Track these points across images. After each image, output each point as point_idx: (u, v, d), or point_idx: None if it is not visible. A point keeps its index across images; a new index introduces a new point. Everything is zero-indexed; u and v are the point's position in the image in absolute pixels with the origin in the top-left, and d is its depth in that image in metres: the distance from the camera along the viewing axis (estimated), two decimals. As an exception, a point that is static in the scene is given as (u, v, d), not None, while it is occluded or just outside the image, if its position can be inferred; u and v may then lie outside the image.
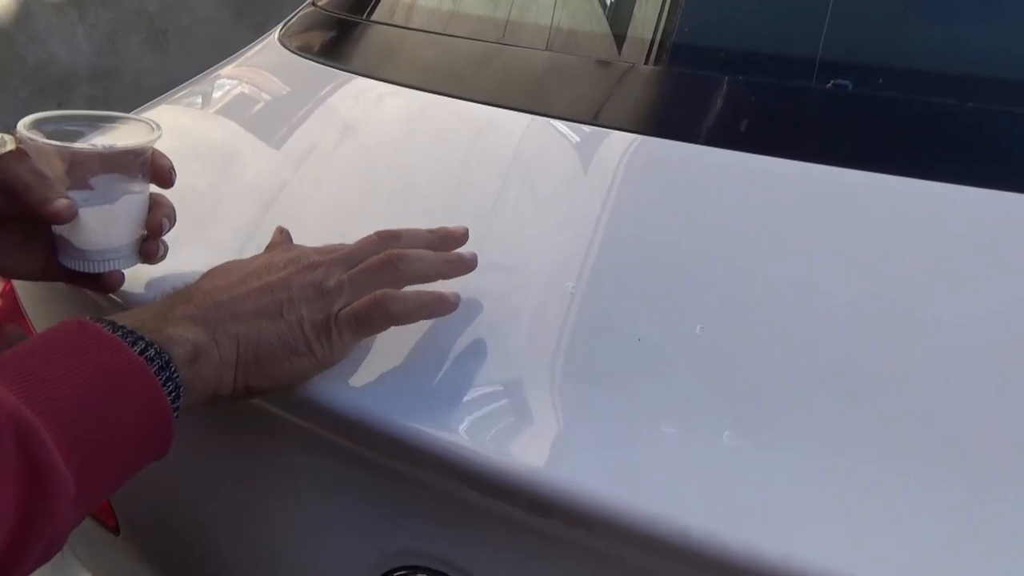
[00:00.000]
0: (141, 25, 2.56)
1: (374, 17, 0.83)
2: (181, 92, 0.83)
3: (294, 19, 0.91)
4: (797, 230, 0.49)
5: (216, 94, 0.81)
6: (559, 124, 0.61)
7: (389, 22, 0.82)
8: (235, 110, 0.79)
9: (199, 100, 0.81)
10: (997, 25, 0.55)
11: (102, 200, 0.49)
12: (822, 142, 0.52)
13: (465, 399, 0.43)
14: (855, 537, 0.34)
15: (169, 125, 0.53)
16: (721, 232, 0.50)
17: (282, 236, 0.54)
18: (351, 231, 0.50)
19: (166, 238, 0.53)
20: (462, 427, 0.42)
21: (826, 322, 0.43)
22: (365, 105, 0.72)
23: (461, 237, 0.50)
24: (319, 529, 0.51)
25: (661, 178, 0.56)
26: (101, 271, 0.51)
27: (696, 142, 0.55)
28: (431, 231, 0.49)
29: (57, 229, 0.50)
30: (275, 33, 0.90)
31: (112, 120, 0.53)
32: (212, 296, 0.45)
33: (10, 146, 0.47)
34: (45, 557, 0.37)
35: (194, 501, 0.59)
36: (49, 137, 0.49)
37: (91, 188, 0.49)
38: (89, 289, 0.53)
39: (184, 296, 0.45)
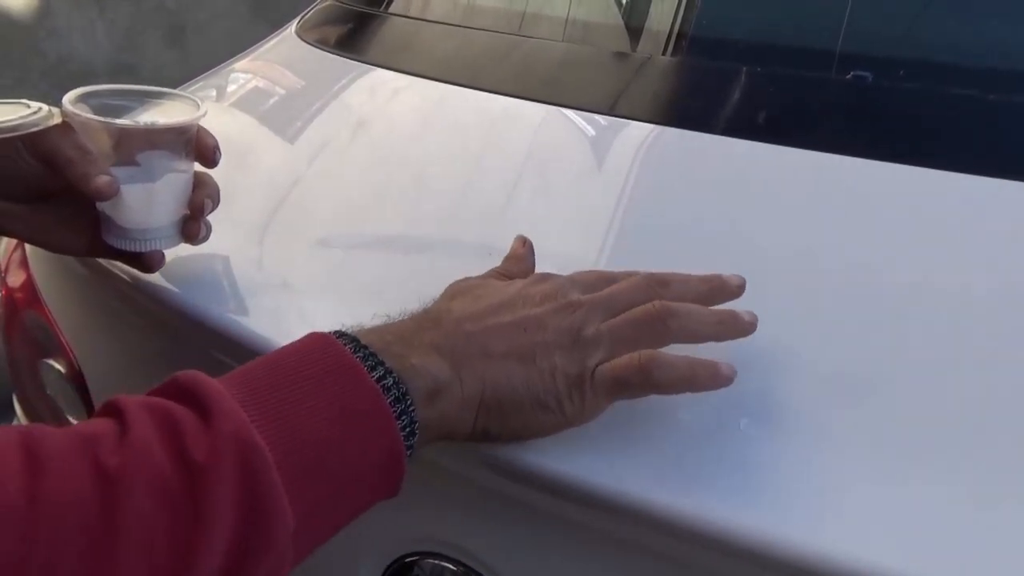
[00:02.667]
0: (160, 21, 2.57)
1: (391, 9, 0.83)
2: (198, 84, 0.83)
3: (311, 12, 0.92)
4: (814, 220, 0.48)
5: (235, 86, 0.82)
6: (577, 115, 0.61)
7: (406, 14, 0.82)
8: (254, 101, 0.79)
9: (217, 92, 0.82)
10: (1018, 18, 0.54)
11: (145, 178, 0.49)
12: (841, 133, 0.52)
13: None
14: (858, 523, 0.34)
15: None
16: (738, 221, 0.50)
17: (525, 248, 0.48)
18: (369, 222, 0.50)
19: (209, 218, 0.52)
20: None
21: (846, 311, 0.43)
22: (383, 96, 0.72)
23: (736, 289, 0.42)
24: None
25: (679, 168, 0.56)
26: (143, 250, 0.51)
27: (714, 132, 0.54)
28: (704, 280, 0.42)
29: (101, 206, 0.50)
30: (292, 27, 0.91)
31: (158, 96, 0.53)
32: (463, 326, 0.40)
33: (56, 120, 0.47)
34: None
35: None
36: (95, 111, 0.48)
37: (136, 164, 0.48)
38: (131, 267, 0.53)
39: (433, 319, 0.41)
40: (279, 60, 0.86)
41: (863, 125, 0.52)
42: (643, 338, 0.40)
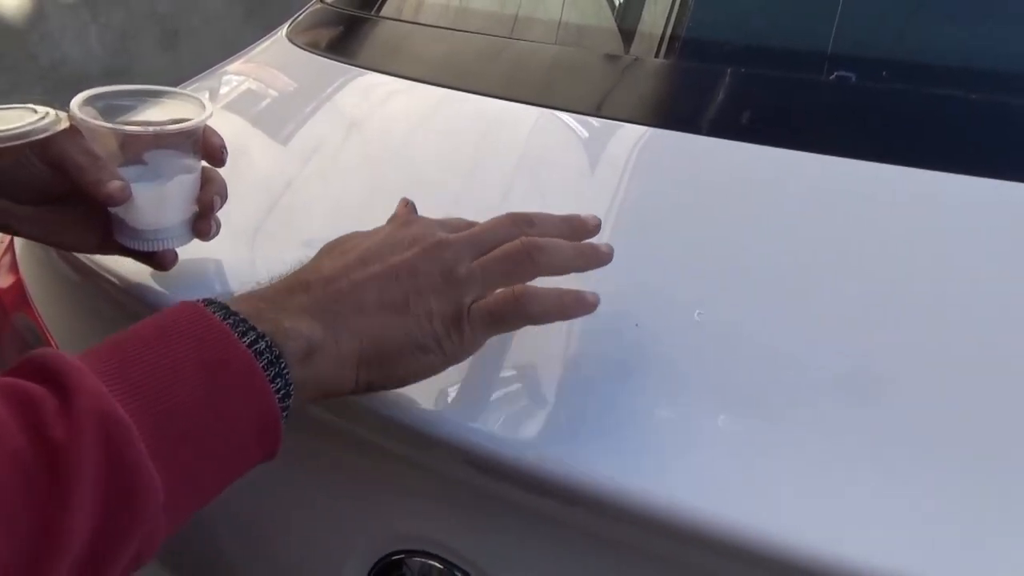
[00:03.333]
0: (153, 25, 2.57)
1: (383, 13, 0.83)
2: (189, 87, 0.83)
3: (302, 16, 0.92)
4: (802, 221, 0.49)
5: (224, 89, 0.82)
6: (570, 117, 0.61)
7: (398, 17, 0.83)
8: (243, 104, 0.79)
9: (207, 95, 0.82)
10: (1007, 20, 0.55)
11: (155, 180, 0.49)
12: (829, 134, 0.52)
13: (466, 383, 0.43)
14: (852, 524, 0.34)
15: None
16: (728, 222, 0.50)
17: (407, 209, 0.49)
18: (361, 224, 0.50)
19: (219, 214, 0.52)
20: (462, 410, 0.41)
21: (831, 312, 0.43)
22: (374, 99, 0.72)
23: (594, 228, 0.46)
24: (315, 510, 0.51)
25: (670, 169, 0.56)
26: (156, 249, 0.51)
27: (703, 134, 0.55)
28: (564, 218, 0.45)
29: (113, 208, 0.50)
30: (283, 30, 0.91)
31: (163, 95, 0.53)
32: (333, 284, 0.40)
33: (64, 124, 0.47)
34: (136, 565, 0.33)
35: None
36: (101, 113, 0.48)
37: (144, 163, 0.49)
38: (145, 264, 0.54)
39: (302, 283, 0.41)
40: (269, 63, 0.86)
41: (849, 125, 0.52)
42: (514, 273, 0.42)
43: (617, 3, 0.75)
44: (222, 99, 0.80)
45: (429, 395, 0.42)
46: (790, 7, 0.64)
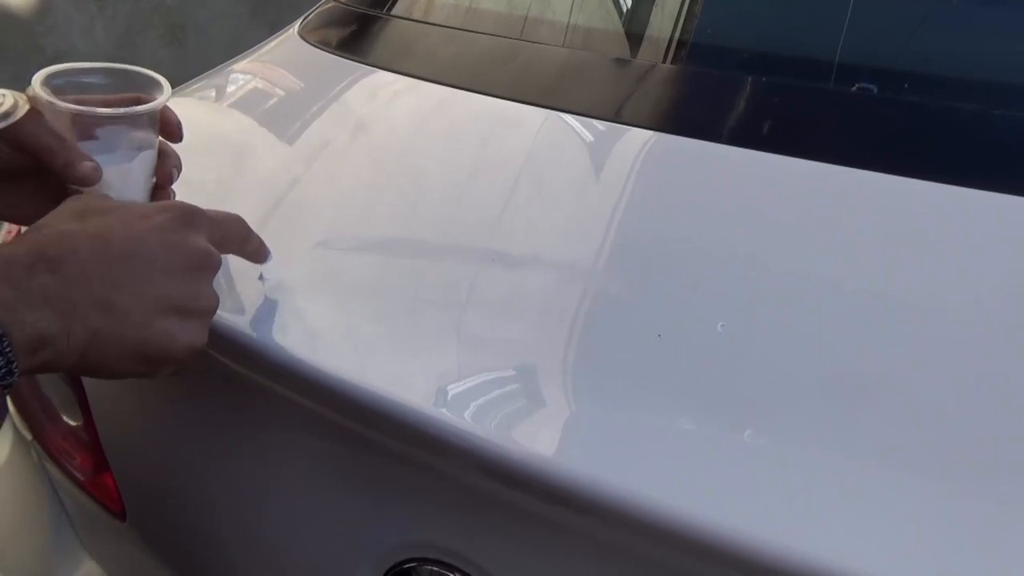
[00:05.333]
0: (159, 19, 2.57)
1: (394, 12, 0.84)
2: (200, 83, 0.83)
3: (313, 14, 0.92)
4: (813, 229, 0.48)
5: (237, 85, 0.82)
6: (577, 120, 0.61)
7: (408, 17, 0.83)
8: (257, 101, 0.79)
9: (220, 91, 0.82)
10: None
11: (112, 154, 0.49)
12: (843, 143, 0.52)
13: (480, 388, 0.43)
14: (873, 536, 0.34)
15: (192, 116, 0.53)
16: (738, 230, 0.50)
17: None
18: (369, 223, 0.50)
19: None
20: (475, 414, 0.41)
21: (848, 322, 0.43)
22: (385, 98, 0.72)
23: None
24: (326, 517, 0.50)
25: (677, 174, 0.56)
26: None
27: (713, 140, 0.55)
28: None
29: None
30: (294, 27, 0.91)
31: (121, 74, 0.53)
32: (87, 272, 0.39)
33: (25, 108, 0.47)
34: None
35: (202, 486, 0.59)
36: (61, 89, 0.48)
37: (96, 138, 0.49)
38: None
39: (53, 259, 0.39)
40: (281, 60, 0.86)
41: (865, 136, 0.52)
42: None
43: (625, 8, 0.75)
44: (234, 96, 0.80)
45: (442, 400, 0.42)
46: (798, 14, 0.64)
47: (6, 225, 0.80)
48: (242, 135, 0.72)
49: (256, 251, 0.51)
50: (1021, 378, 0.39)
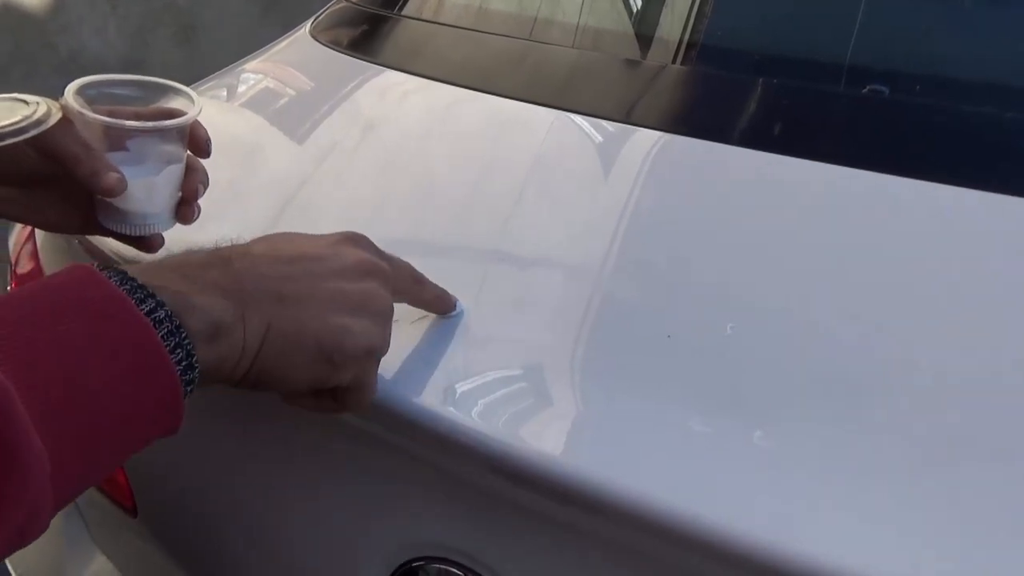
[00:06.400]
0: (170, 19, 2.59)
1: (404, 12, 0.84)
2: (212, 81, 0.84)
3: (324, 14, 0.92)
4: (825, 232, 0.48)
5: (249, 84, 0.82)
6: (587, 120, 0.62)
7: (419, 17, 0.83)
8: (269, 100, 0.80)
9: (232, 91, 0.82)
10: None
11: (140, 166, 0.50)
12: (854, 146, 0.52)
13: (489, 386, 0.43)
14: (882, 537, 0.34)
15: (203, 116, 0.54)
16: (748, 232, 0.50)
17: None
18: (379, 223, 0.50)
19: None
20: (484, 413, 0.42)
21: (860, 324, 0.43)
22: (395, 97, 0.72)
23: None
24: (334, 515, 0.51)
25: (688, 176, 0.56)
26: (143, 234, 0.52)
27: (723, 142, 0.55)
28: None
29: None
30: (306, 27, 0.91)
31: (153, 87, 0.53)
32: (257, 266, 0.39)
33: (57, 115, 0.47)
34: (20, 540, 0.31)
35: (213, 483, 0.59)
36: (93, 100, 0.49)
37: (127, 150, 0.49)
38: (130, 246, 0.54)
39: (224, 258, 0.39)
40: (293, 60, 0.87)
41: (876, 138, 0.52)
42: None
43: (635, 9, 0.75)
44: (246, 95, 0.81)
45: (451, 399, 0.43)
46: (809, 15, 0.63)
47: (17, 226, 0.81)
48: (253, 135, 0.72)
49: (437, 299, 0.47)
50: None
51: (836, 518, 0.35)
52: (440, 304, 0.48)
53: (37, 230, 0.77)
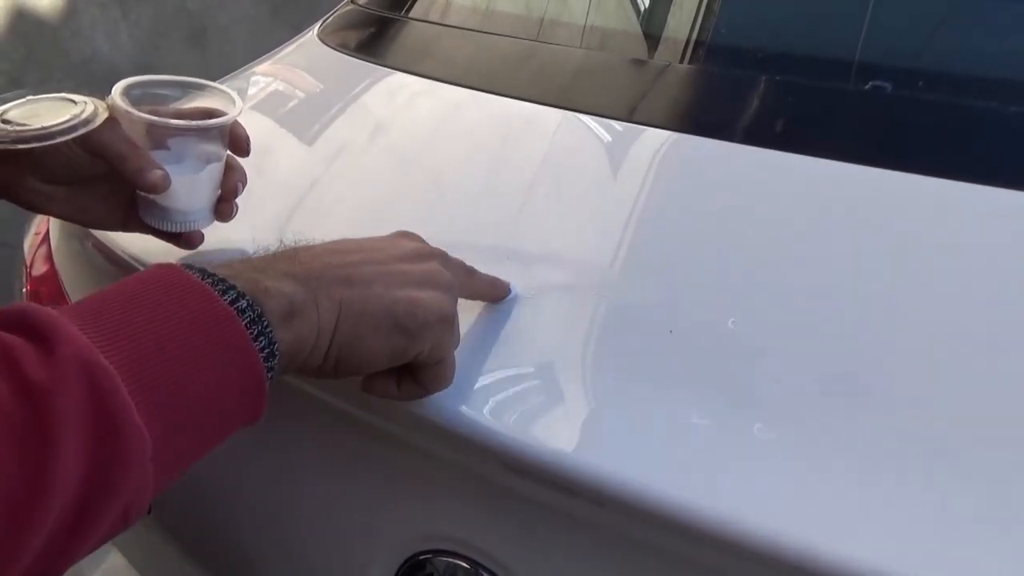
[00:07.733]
0: (181, 23, 2.60)
1: (412, 14, 0.84)
2: (227, 83, 0.85)
3: (332, 17, 0.93)
4: (830, 229, 0.49)
5: (258, 87, 0.83)
6: (594, 120, 0.62)
7: (426, 19, 0.83)
8: (277, 102, 0.80)
9: (240, 93, 0.83)
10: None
11: (181, 164, 0.51)
12: (858, 142, 0.52)
13: (498, 383, 0.44)
14: (889, 533, 0.34)
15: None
16: (753, 228, 0.50)
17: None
18: (387, 224, 0.51)
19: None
20: (493, 409, 0.42)
21: (863, 320, 0.43)
22: (403, 99, 0.73)
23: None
24: (344, 508, 0.51)
25: (695, 175, 0.56)
26: (183, 231, 0.53)
27: (729, 140, 0.55)
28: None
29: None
30: (314, 30, 0.92)
31: (196, 88, 0.56)
32: (322, 258, 0.41)
33: (104, 114, 0.49)
34: (123, 523, 0.32)
35: (225, 478, 0.60)
36: (138, 100, 0.51)
37: (168, 148, 0.51)
38: (170, 243, 0.55)
39: (288, 254, 0.41)
40: (301, 63, 0.88)
41: (881, 134, 0.52)
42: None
43: (641, 8, 0.75)
44: (255, 98, 0.81)
45: (460, 393, 0.43)
46: (814, 13, 0.64)
47: (38, 217, 0.82)
48: (262, 137, 0.73)
49: (490, 286, 0.49)
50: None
51: (847, 512, 0.35)
52: (494, 291, 0.48)
53: (51, 233, 0.78)
